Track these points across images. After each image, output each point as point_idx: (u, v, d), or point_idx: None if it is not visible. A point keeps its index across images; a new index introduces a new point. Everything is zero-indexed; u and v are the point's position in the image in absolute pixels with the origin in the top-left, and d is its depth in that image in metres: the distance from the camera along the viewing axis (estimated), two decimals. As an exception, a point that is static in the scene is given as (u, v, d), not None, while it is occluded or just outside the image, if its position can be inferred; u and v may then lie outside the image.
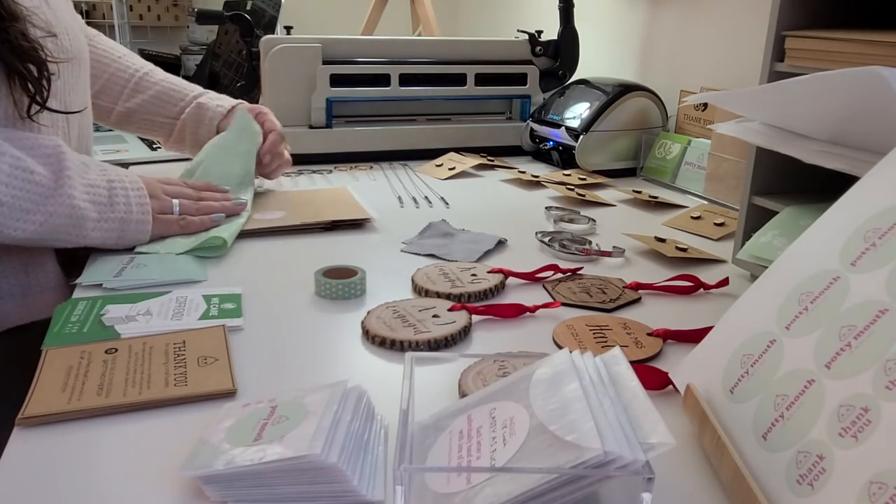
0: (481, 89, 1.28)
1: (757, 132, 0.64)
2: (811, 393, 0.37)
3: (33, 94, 0.66)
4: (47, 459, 0.42)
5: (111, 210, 0.70)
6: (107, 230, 0.70)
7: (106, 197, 0.70)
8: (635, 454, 0.33)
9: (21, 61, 0.64)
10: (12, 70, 0.64)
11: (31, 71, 0.65)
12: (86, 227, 0.68)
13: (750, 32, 1.12)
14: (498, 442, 0.37)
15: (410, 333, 0.57)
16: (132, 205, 0.72)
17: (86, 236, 0.69)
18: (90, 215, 0.68)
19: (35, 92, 0.66)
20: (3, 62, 0.63)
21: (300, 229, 0.84)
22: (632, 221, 0.94)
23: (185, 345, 0.55)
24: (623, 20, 1.43)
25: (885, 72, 0.47)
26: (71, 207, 0.66)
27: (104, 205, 0.70)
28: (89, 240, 0.69)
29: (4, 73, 0.64)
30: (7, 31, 0.62)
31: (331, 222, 0.85)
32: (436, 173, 1.15)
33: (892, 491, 0.30)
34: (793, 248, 0.46)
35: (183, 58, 1.81)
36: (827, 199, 0.48)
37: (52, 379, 0.49)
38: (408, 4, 1.77)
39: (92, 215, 0.68)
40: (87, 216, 0.68)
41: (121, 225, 0.71)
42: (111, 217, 0.70)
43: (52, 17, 0.71)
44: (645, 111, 1.17)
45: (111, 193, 0.70)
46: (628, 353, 0.55)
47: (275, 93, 1.17)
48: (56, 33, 0.70)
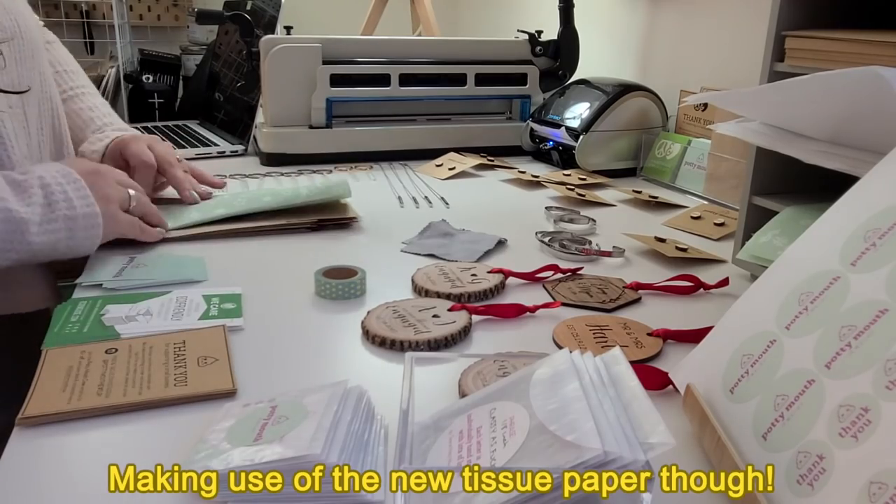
0: (481, 89, 1.28)
1: (757, 132, 0.64)
2: (811, 393, 0.37)
3: None
4: (47, 459, 0.42)
5: (51, 210, 0.64)
6: (53, 231, 0.64)
7: (42, 198, 0.64)
8: (635, 454, 0.33)
9: None
10: None
11: None
12: (29, 231, 0.62)
13: (750, 32, 1.12)
14: (498, 442, 0.37)
15: (410, 333, 0.57)
16: (72, 199, 0.66)
17: (31, 242, 0.62)
18: (32, 219, 0.62)
19: None
20: None
21: (285, 229, 0.84)
22: (632, 221, 0.94)
23: (185, 345, 0.55)
24: (623, 20, 1.43)
25: (885, 72, 0.47)
26: (5, 211, 0.61)
27: (43, 206, 0.64)
28: (36, 246, 0.63)
29: None
30: None
31: (316, 222, 0.85)
32: (436, 173, 1.15)
33: (892, 491, 0.30)
34: (793, 248, 0.46)
35: (183, 58, 1.81)
36: (827, 199, 0.48)
37: (52, 379, 0.49)
38: (408, 4, 1.77)
39: (34, 219, 0.62)
40: (29, 220, 0.62)
41: (67, 223, 0.65)
42: (53, 217, 0.64)
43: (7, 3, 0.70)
44: (645, 111, 1.17)
45: (46, 193, 0.64)
46: (628, 353, 0.55)
47: (275, 93, 1.17)
48: None
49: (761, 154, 0.70)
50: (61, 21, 1.88)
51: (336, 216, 0.86)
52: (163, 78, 1.74)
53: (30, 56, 0.75)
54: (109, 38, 1.91)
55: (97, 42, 1.99)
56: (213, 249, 0.77)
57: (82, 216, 0.66)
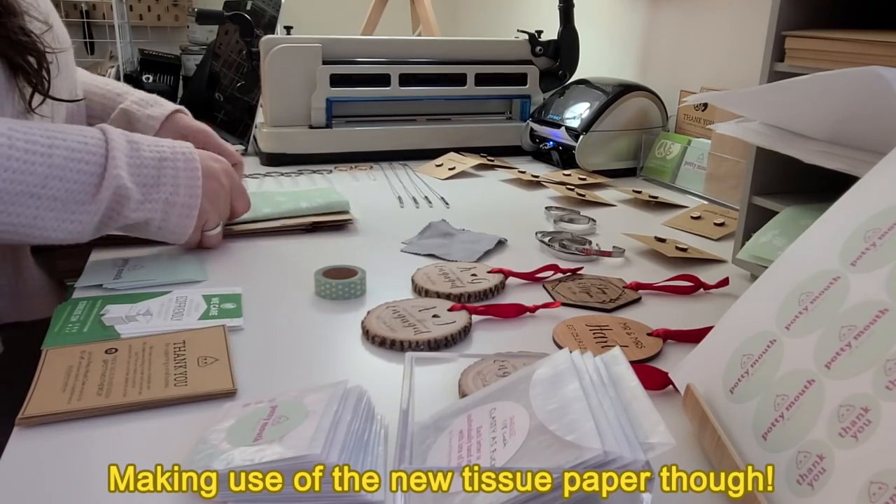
0: (481, 89, 1.28)
1: (757, 132, 0.64)
2: (811, 393, 0.37)
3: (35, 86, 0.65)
4: (47, 459, 0.42)
5: (156, 191, 0.65)
6: (149, 210, 0.65)
7: (153, 177, 0.65)
8: (635, 454, 0.33)
9: (21, 55, 0.63)
10: (14, 65, 0.63)
11: (31, 63, 0.64)
12: (128, 207, 0.63)
13: (750, 32, 1.12)
14: (498, 442, 0.37)
15: (410, 333, 0.57)
16: (179, 185, 0.67)
17: (127, 217, 0.64)
18: (134, 196, 0.64)
19: (36, 83, 0.65)
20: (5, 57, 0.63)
21: (281, 230, 0.84)
22: (632, 221, 0.94)
23: (185, 345, 0.55)
24: (623, 20, 1.43)
25: (885, 72, 0.47)
26: (117, 189, 0.62)
27: (149, 186, 0.65)
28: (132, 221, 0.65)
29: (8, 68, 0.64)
30: (5, 26, 0.62)
31: (311, 223, 0.85)
32: (436, 173, 1.15)
33: (892, 491, 0.31)
34: (793, 248, 0.46)
35: (183, 58, 1.81)
36: (827, 199, 0.48)
37: (52, 379, 0.49)
38: (408, 4, 1.77)
39: (136, 196, 0.64)
40: (130, 197, 0.63)
41: (165, 207, 0.66)
42: (155, 198, 0.65)
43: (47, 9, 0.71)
44: (645, 111, 1.17)
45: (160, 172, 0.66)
46: (628, 353, 0.55)
47: (275, 93, 1.17)
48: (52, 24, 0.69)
49: (761, 154, 0.70)
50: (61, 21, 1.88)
51: (332, 218, 0.86)
52: (163, 78, 1.74)
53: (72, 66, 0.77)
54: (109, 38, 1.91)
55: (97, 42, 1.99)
56: (213, 249, 0.77)
57: (181, 205, 0.67)
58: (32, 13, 0.66)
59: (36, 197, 0.59)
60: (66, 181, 0.60)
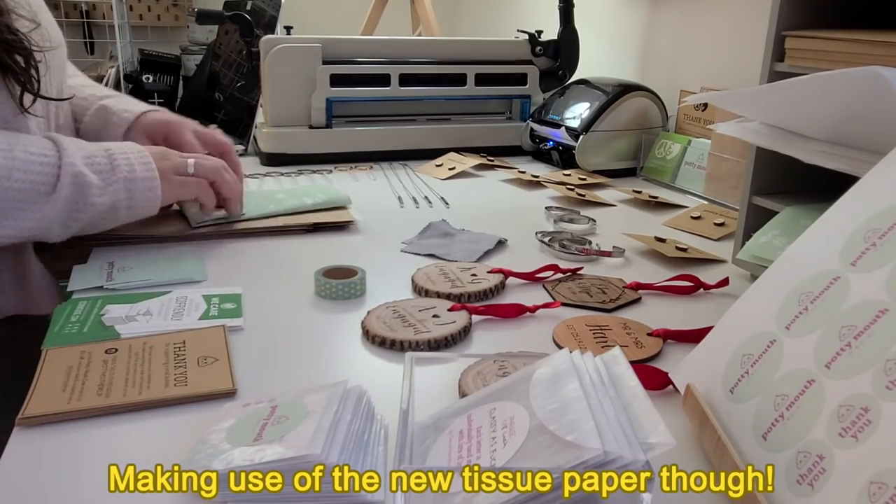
0: (481, 89, 1.28)
1: (757, 132, 0.64)
2: (811, 393, 0.37)
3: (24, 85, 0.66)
4: (47, 459, 0.42)
5: (113, 174, 0.69)
6: (114, 192, 0.68)
7: (107, 164, 0.69)
8: (635, 454, 0.33)
9: (8, 54, 0.64)
10: (2, 64, 0.64)
11: (19, 62, 0.65)
12: (93, 194, 0.67)
13: (750, 32, 1.12)
14: (498, 442, 0.37)
15: (410, 333, 0.57)
16: (134, 164, 0.70)
17: (94, 203, 0.67)
18: (95, 182, 0.67)
19: (25, 82, 0.66)
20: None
21: (281, 230, 0.84)
22: (632, 221, 0.94)
23: (185, 345, 0.55)
24: (623, 20, 1.43)
25: (885, 72, 0.47)
26: (74, 176, 0.65)
27: (106, 172, 0.68)
28: (99, 208, 0.68)
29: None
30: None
31: (312, 224, 0.85)
32: (436, 173, 1.15)
33: (892, 491, 0.31)
34: (793, 248, 0.46)
35: (183, 58, 1.81)
36: (827, 199, 0.48)
37: (52, 379, 0.49)
38: (408, 4, 1.77)
39: (96, 182, 0.67)
40: (91, 183, 0.67)
41: (126, 185, 0.69)
42: (115, 179, 0.69)
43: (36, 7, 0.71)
44: (645, 111, 1.17)
45: (111, 159, 0.69)
46: (628, 353, 0.55)
47: (275, 93, 1.17)
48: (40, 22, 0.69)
49: (761, 154, 0.70)
50: (61, 21, 1.88)
51: (333, 219, 0.86)
52: (163, 78, 1.74)
53: (62, 65, 0.77)
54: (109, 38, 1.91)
55: (97, 42, 1.99)
56: (213, 249, 0.77)
57: (141, 178, 0.70)
58: (19, 11, 0.66)
59: (3, 189, 0.62)
60: (29, 173, 0.63)
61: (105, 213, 0.69)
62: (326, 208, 0.88)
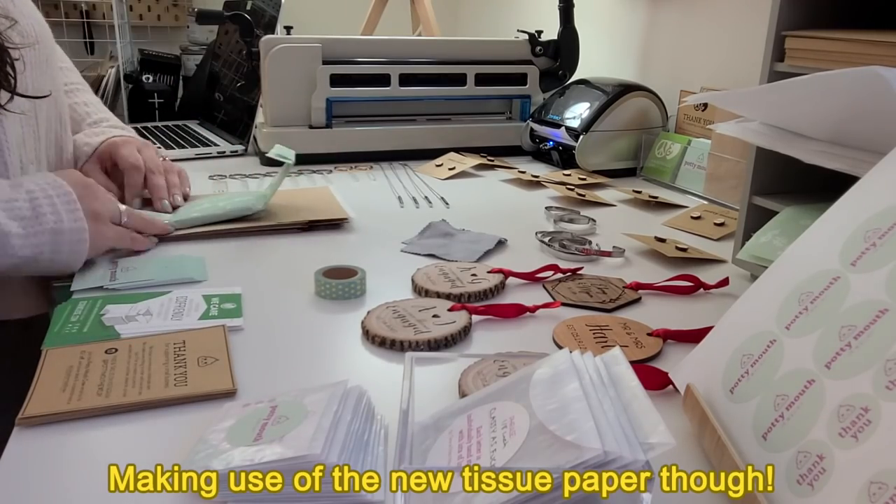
0: (481, 89, 1.28)
1: (757, 132, 0.64)
2: (811, 393, 0.37)
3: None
4: (47, 459, 0.42)
5: (38, 223, 0.63)
6: (37, 245, 0.63)
7: (29, 210, 0.63)
8: (635, 454, 0.33)
9: None
10: None
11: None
12: (11, 244, 0.61)
13: (750, 32, 1.12)
14: (498, 442, 0.37)
15: (410, 333, 0.57)
16: (61, 213, 0.65)
17: (14, 255, 0.62)
18: (14, 231, 0.61)
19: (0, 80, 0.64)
20: None
21: (277, 229, 0.84)
22: (632, 221, 0.94)
23: (185, 345, 0.55)
24: (623, 20, 1.43)
25: (885, 72, 0.47)
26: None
27: (28, 218, 0.63)
28: (19, 259, 0.62)
29: None
30: None
31: (307, 223, 0.85)
32: (436, 173, 1.15)
33: (892, 491, 0.30)
34: (793, 248, 0.46)
35: (183, 58, 1.81)
36: (827, 199, 0.48)
37: (52, 379, 0.49)
38: (408, 4, 1.77)
39: (16, 231, 0.62)
40: (10, 232, 0.61)
41: (53, 237, 0.64)
42: (40, 230, 0.63)
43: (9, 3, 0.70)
44: (645, 111, 1.17)
45: (34, 206, 0.63)
46: (628, 353, 0.55)
47: (275, 93, 1.17)
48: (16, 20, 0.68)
49: (761, 154, 0.70)
50: (61, 21, 1.88)
51: (327, 217, 0.86)
52: (163, 78, 1.74)
53: (45, 61, 0.76)
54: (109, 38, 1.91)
55: (97, 42, 1.99)
56: (213, 249, 0.77)
57: (69, 230, 0.65)
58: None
59: None
60: None
61: (23, 265, 0.63)
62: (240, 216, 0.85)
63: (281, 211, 0.88)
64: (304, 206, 0.91)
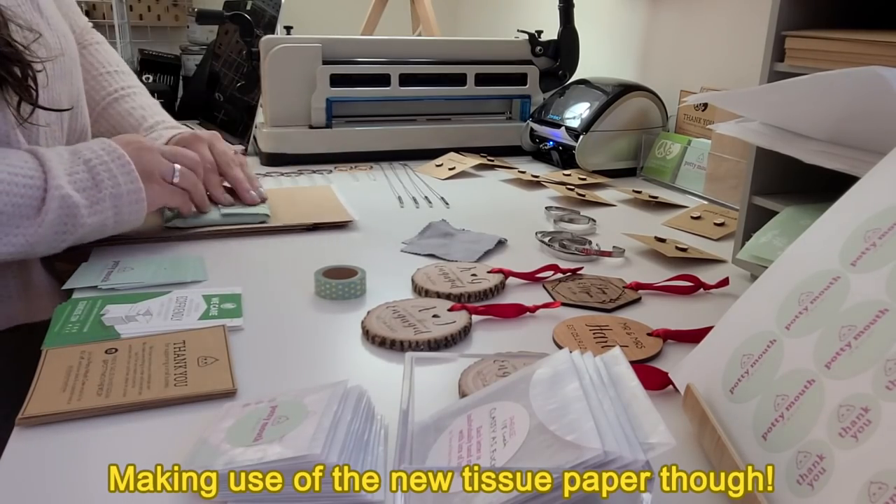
0: (481, 89, 1.28)
1: (757, 132, 0.64)
2: (811, 393, 0.37)
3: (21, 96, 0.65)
4: (47, 459, 0.42)
5: (98, 191, 0.67)
6: (101, 211, 0.67)
7: (89, 179, 0.67)
8: (635, 454, 0.33)
9: (3, 66, 0.63)
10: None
11: (16, 73, 0.64)
12: (81, 215, 0.65)
13: (750, 32, 1.12)
14: (498, 442, 0.37)
15: (410, 333, 0.57)
16: (117, 177, 0.68)
17: (83, 224, 0.66)
18: (82, 202, 0.65)
19: (22, 94, 0.65)
20: None
21: (280, 230, 0.83)
22: (632, 221, 0.94)
23: (185, 345, 0.55)
24: (623, 20, 1.43)
25: (885, 72, 0.47)
26: (62, 199, 0.64)
27: (90, 189, 0.66)
28: (89, 229, 0.66)
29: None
30: None
31: (311, 224, 0.85)
32: (436, 173, 1.15)
33: (892, 491, 0.30)
34: (793, 248, 0.46)
35: (183, 58, 1.81)
36: (827, 199, 0.48)
37: (52, 379, 0.49)
38: (408, 4, 1.77)
39: (83, 202, 0.65)
40: (79, 203, 0.65)
41: (113, 202, 0.68)
42: (101, 197, 0.67)
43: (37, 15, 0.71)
44: (645, 111, 1.17)
45: (93, 174, 0.67)
46: (628, 353, 0.55)
47: (275, 93, 1.17)
48: (41, 32, 0.69)
49: (761, 154, 0.70)
50: (61, 21, 1.88)
51: (331, 219, 0.86)
52: (163, 78, 1.74)
53: (69, 73, 0.76)
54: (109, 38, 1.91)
55: (97, 42, 1.98)
56: (213, 249, 0.77)
57: (127, 193, 0.68)
58: (18, 22, 0.66)
59: None
60: (11, 195, 0.62)
61: (93, 232, 0.68)
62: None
63: (284, 211, 0.88)
64: (307, 206, 0.91)
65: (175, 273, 0.69)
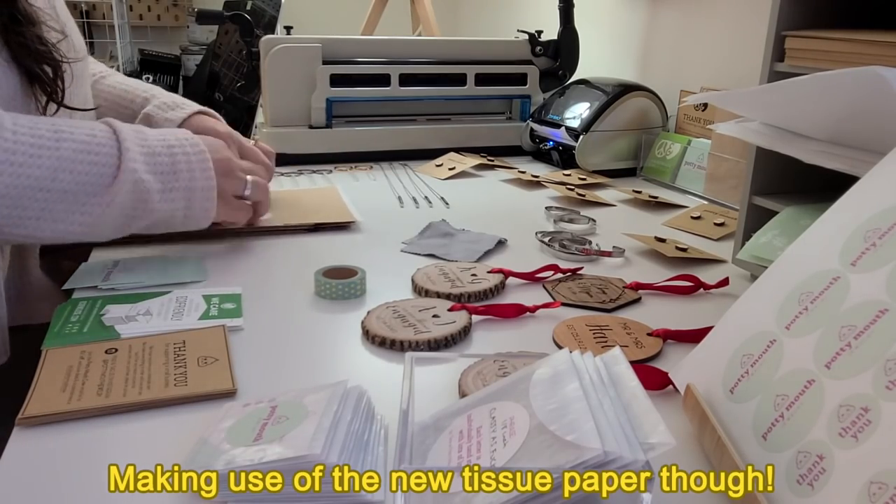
0: (481, 89, 1.28)
1: (757, 132, 0.64)
2: (811, 393, 0.37)
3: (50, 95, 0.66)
4: (47, 459, 0.42)
5: (174, 179, 0.65)
6: (172, 200, 0.65)
7: (169, 164, 0.65)
8: (635, 454, 0.33)
9: (38, 64, 0.64)
10: (30, 73, 0.64)
11: (47, 72, 0.65)
12: (153, 200, 0.63)
13: (750, 32, 1.12)
14: (498, 442, 0.37)
15: (410, 333, 0.57)
16: (195, 170, 0.66)
17: (154, 210, 0.64)
18: (155, 188, 0.63)
19: (51, 92, 0.65)
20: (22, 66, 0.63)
21: (283, 231, 0.83)
22: (632, 221, 0.94)
23: (185, 345, 0.55)
24: (623, 20, 1.43)
25: (885, 72, 0.47)
26: (135, 182, 0.62)
27: (167, 174, 0.64)
28: (157, 216, 0.64)
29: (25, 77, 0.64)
30: (24, 35, 0.62)
31: (314, 225, 0.85)
32: (436, 173, 1.15)
33: (892, 491, 0.31)
34: (793, 248, 0.46)
35: (183, 58, 1.81)
36: (827, 199, 0.48)
37: (52, 379, 0.49)
38: (408, 4, 1.77)
39: (157, 187, 0.63)
40: (152, 189, 0.63)
41: (186, 194, 0.66)
42: (176, 186, 0.65)
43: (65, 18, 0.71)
44: (645, 111, 1.17)
45: (173, 161, 0.65)
46: (628, 353, 0.55)
47: (275, 93, 1.17)
48: (68, 34, 0.70)
49: (761, 154, 0.70)
50: (61, 21, 1.88)
51: (334, 219, 0.86)
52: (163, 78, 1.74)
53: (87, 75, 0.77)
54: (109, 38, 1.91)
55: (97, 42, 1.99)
56: (213, 249, 0.77)
57: (200, 188, 0.67)
58: (50, 23, 0.66)
59: (45, 190, 0.58)
60: (76, 173, 0.59)
61: (159, 223, 0.66)
62: None
63: (286, 212, 0.88)
64: (311, 207, 0.91)
65: (175, 273, 0.69)
